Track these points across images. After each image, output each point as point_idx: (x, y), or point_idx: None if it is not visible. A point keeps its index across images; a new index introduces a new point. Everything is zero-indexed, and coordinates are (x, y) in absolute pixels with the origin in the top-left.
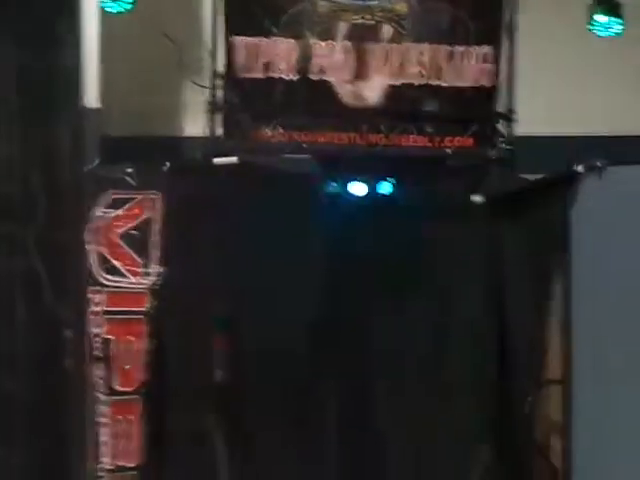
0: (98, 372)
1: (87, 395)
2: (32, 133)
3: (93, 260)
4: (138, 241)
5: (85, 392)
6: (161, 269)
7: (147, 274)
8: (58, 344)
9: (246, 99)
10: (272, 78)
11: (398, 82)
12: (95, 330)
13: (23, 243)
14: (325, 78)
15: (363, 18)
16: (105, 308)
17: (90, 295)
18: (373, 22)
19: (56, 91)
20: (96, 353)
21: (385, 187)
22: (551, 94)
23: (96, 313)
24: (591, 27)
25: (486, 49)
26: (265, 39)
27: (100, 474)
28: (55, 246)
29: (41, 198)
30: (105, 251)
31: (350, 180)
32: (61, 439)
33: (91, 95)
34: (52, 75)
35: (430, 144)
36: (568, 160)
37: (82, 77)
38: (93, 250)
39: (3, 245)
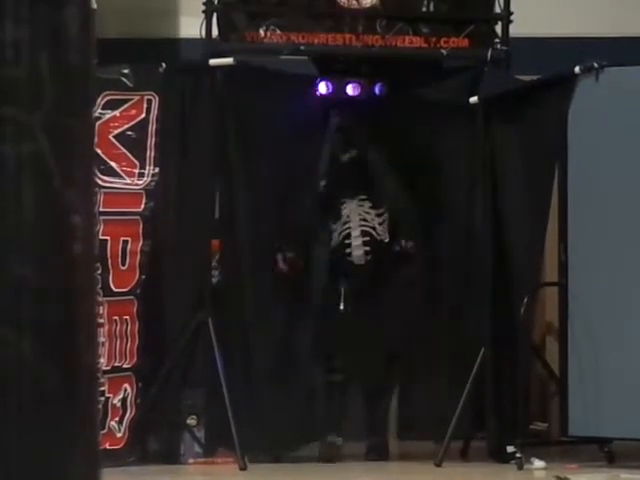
0: None
1: (96, 282)
2: (40, 15)
3: None
4: (134, 142)
5: (94, 279)
6: (157, 170)
7: (143, 175)
8: (67, 230)
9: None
10: None
11: None
12: None
13: (30, 128)
14: None
15: None
16: (101, 209)
17: None
18: None
19: None
20: None
21: (381, 88)
22: None
23: None
24: None
25: None
26: None
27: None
28: (63, 132)
29: (49, 82)
30: (101, 152)
31: (346, 81)
32: (70, 324)
33: None
34: None
35: (426, 45)
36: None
37: None
38: None
39: (9, 130)
